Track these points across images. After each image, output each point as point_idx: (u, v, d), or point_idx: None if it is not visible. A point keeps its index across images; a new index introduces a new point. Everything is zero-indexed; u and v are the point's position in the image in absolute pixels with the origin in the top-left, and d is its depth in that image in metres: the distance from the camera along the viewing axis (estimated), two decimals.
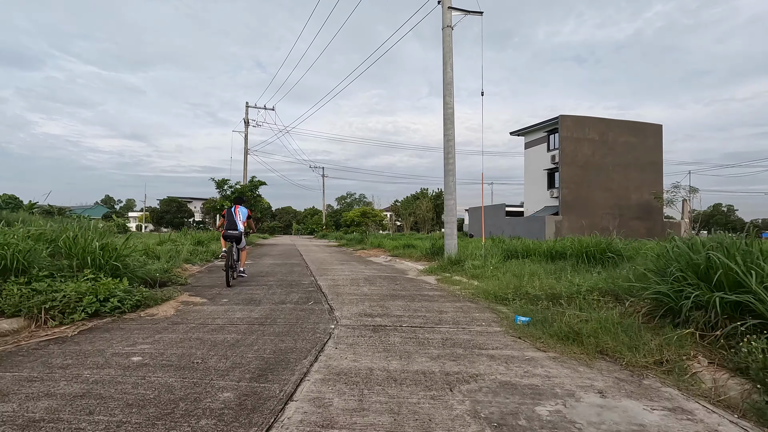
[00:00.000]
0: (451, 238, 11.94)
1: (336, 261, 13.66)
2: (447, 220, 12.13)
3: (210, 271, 10.08)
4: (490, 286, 7.03)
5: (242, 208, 8.32)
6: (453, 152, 12.15)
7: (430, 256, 13.08)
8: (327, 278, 8.85)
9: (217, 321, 4.72)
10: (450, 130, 12.14)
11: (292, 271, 10.09)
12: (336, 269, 10.85)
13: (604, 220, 30.08)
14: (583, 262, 8.50)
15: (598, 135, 30.30)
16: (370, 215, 23.71)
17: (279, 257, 14.84)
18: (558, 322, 4.39)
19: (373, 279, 8.85)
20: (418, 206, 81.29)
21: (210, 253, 13.80)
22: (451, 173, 12.05)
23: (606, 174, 30.20)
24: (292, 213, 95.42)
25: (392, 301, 6.18)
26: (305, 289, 7.22)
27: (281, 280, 8.42)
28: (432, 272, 10.13)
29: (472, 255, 10.93)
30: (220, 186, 24.12)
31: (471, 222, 39.63)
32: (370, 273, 10.12)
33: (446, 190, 12.08)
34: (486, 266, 9.44)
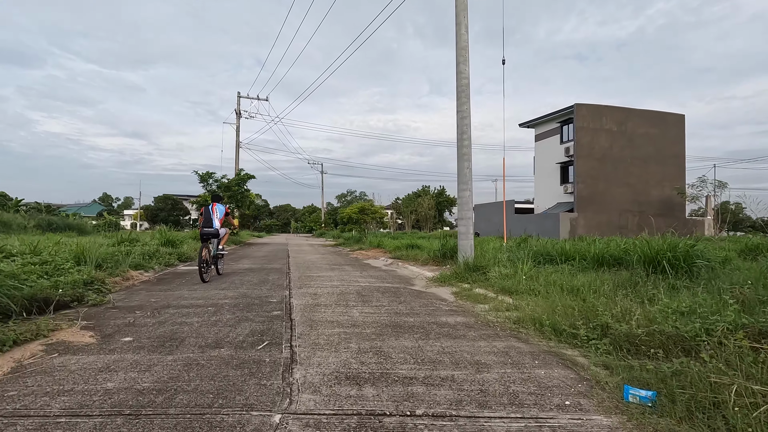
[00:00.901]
0: (466, 238, 9.69)
1: (327, 265, 11.42)
2: (461, 215, 9.87)
3: (160, 281, 7.84)
4: (537, 308, 4.81)
5: (219, 206, 8.34)
6: (468, 132, 9.89)
7: (440, 260, 10.84)
8: (307, 292, 6.61)
9: (57, 402, 2.47)
10: (465, 104, 9.88)
11: (265, 281, 7.85)
12: (323, 277, 8.61)
13: (622, 218, 27.82)
14: (654, 271, 6.25)
15: (615, 125, 28.00)
16: (369, 212, 21.52)
17: (260, 260, 12.62)
18: (729, 410, 2.15)
19: (368, 293, 6.61)
20: (420, 204, 78.93)
21: (177, 256, 11.58)
22: (465, 158, 9.80)
23: (624, 167, 27.90)
24: (291, 211, 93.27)
25: (395, 338, 3.93)
26: (268, 313, 4.98)
27: (242, 296, 6.19)
28: (445, 282, 7.89)
29: (494, 259, 8.68)
30: (204, 180, 21.92)
31: (477, 219, 37.36)
32: (365, 282, 7.88)
33: (460, 179, 9.83)
34: (517, 275, 7.21)
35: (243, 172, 22.68)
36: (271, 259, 13.18)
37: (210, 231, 8.05)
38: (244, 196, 22.23)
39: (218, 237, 8.31)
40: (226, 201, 21.61)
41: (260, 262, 12.01)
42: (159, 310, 4.99)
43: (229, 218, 8.85)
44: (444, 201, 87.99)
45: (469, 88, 9.95)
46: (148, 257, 10.18)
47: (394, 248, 15.21)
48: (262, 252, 16.76)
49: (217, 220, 8.19)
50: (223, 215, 8.44)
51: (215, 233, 8.13)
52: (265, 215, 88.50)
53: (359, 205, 22.00)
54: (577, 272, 7.34)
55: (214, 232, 8.08)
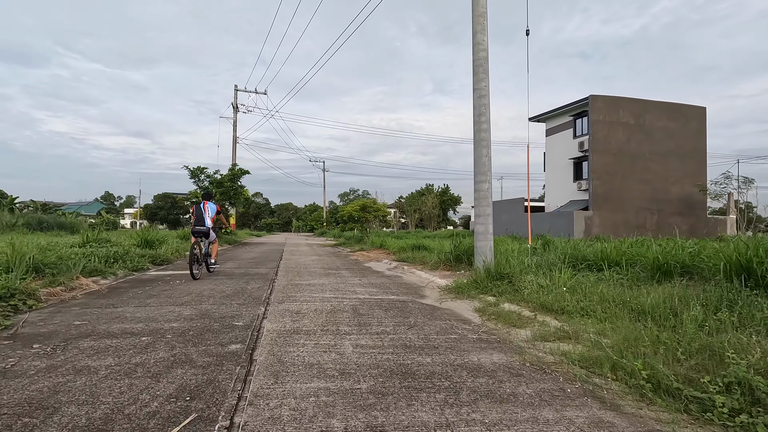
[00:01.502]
0: (485, 239, 8.19)
1: (321, 269, 9.94)
2: (479, 212, 8.37)
3: (112, 291, 6.38)
4: (603, 339, 3.34)
5: (211, 204, 8.39)
6: (487, 114, 8.39)
7: (452, 264, 9.35)
8: (288, 309, 5.14)
9: None
10: (482, 81, 8.37)
11: (241, 292, 6.37)
12: (314, 287, 7.13)
13: (640, 216, 26.23)
14: (746, 284, 4.72)
15: (633, 118, 26.38)
16: (371, 209, 20.04)
17: (247, 263, 11.16)
18: None
19: (367, 310, 5.13)
20: (424, 202, 77.58)
21: (152, 258, 10.14)
22: (483, 144, 8.30)
23: (642, 163, 26.29)
24: (293, 209, 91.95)
25: (407, 405, 2.44)
26: (222, 347, 3.51)
27: (202, 315, 4.72)
28: (462, 293, 6.39)
29: (519, 264, 7.18)
30: (195, 175, 20.48)
31: None
32: (364, 293, 6.40)
33: (477, 169, 8.33)
34: (554, 286, 5.72)
35: (237, 167, 21.23)
36: (260, 261, 11.72)
37: (201, 229, 8.11)
38: (238, 192, 20.77)
39: (209, 236, 8.31)
40: (218, 198, 20.22)
41: (246, 265, 10.55)
42: (70, 342, 3.52)
43: (221, 216, 8.89)
44: (448, 199, 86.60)
45: (487, 62, 8.44)
46: (113, 260, 8.75)
47: (398, 249, 13.72)
48: (253, 253, 15.30)
49: (209, 218, 8.23)
50: (215, 213, 8.47)
51: (206, 231, 8.17)
52: (266, 214, 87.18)
53: (360, 202, 20.52)
54: (632, 283, 5.82)
55: (205, 230, 8.14)
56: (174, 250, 12.19)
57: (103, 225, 45.56)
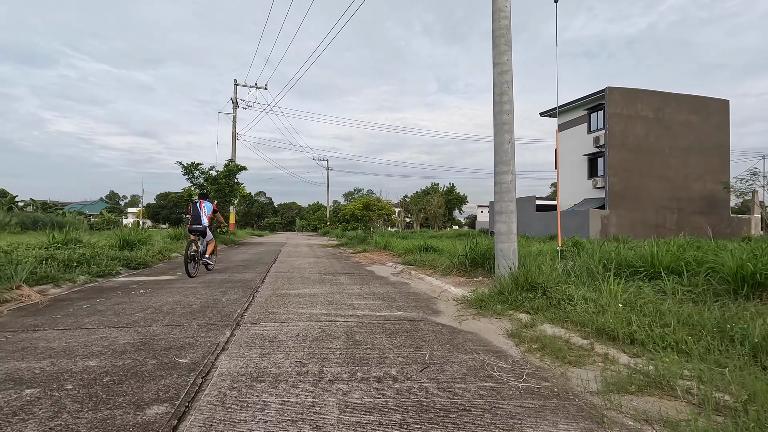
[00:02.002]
0: (509, 240, 6.92)
1: (317, 274, 8.72)
2: (500, 208, 7.11)
3: (50, 306, 5.17)
4: (734, 396, 2.07)
5: (207, 203, 8.42)
6: (510, 92, 7.12)
7: (467, 269, 8.09)
8: (262, 334, 3.92)
9: None
10: (504, 54, 7.11)
11: (211, 305, 5.15)
12: (303, 298, 5.90)
13: (659, 215, 24.80)
14: None
15: (652, 112, 24.94)
16: (374, 208, 18.78)
17: (235, 266, 9.96)
18: None
19: (366, 335, 3.89)
20: (429, 202, 76.35)
21: (126, 262, 8.98)
22: (506, 127, 7.04)
23: (662, 159, 24.85)
24: (297, 209, 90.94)
25: None
26: (140, 408, 2.29)
27: (139, 345, 3.50)
28: (485, 307, 5.13)
29: (553, 271, 5.92)
30: (188, 172, 19.32)
31: (493, 218, 34.45)
32: (364, 308, 5.16)
33: (498, 158, 7.07)
34: (606, 300, 4.45)
35: (233, 163, 20.05)
36: (250, 264, 10.52)
37: (198, 228, 8.16)
38: (234, 190, 19.60)
39: (206, 235, 8.35)
40: (212, 196, 19.08)
41: (233, 269, 9.35)
42: None
43: (217, 215, 8.93)
44: (453, 199, 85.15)
45: (510, 32, 7.17)
46: (77, 264, 7.59)
47: (404, 251, 12.47)
48: (247, 254, 14.12)
49: (205, 217, 8.25)
50: (211, 212, 8.48)
51: (203, 230, 8.21)
52: (270, 213, 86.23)
53: (363, 200, 19.27)
54: (707, 299, 4.54)
55: (202, 229, 8.18)
56: (156, 252, 11.02)
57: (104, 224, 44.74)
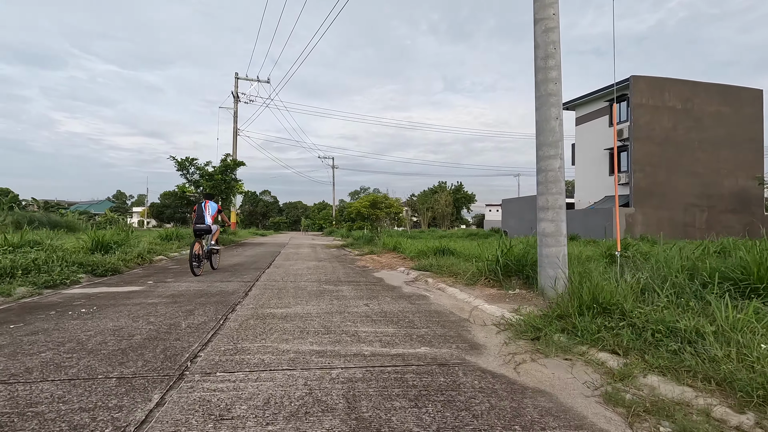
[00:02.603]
0: (557, 244, 5.42)
1: (315, 283, 7.28)
2: (544, 202, 5.61)
3: None
4: None
5: (212, 204, 8.55)
6: (557, 55, 5.61)
7: (500, 279, 6.57)
8: (214, 399, 2.46)
9: None
10: (550, 8, 5.61)
11: (165, 333, 3.71)
12: (291, 322, 4.44)
13: (687, 214, 23.06)
14: None
15: (680, 102, 23.19)
16: (382, 206, 17.33)
17: (221, 272, 8.54)
18: None
19: (379, 401, 2.42)
20: (437, 200, 74.80)
21: (92, 268, 7.62)
22: (552, 100, 5.53)
23: (690, 153, 23.11)
24: (302, 208, 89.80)
25: None
26: None
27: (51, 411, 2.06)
28: (547, 342, 3.64)
29: (626, 288, 4.39)
30: (183, 167, 17.99)
31: (505, 216, 32.85)
32: (371, 342, 3.69)
33: (542, 139, 5.58)
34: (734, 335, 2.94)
35: (230, 158, 18.70)
36: (240, 270, 9.10)
37: (202, 227, 8.23)
38: (231, 186, 18.23)
39: (210, 233, 8.42)
40: (207, 192, 17.78)
41: (218, 275, 7.94)
42: None
43: (222, 215, 9.00)
44: (462, 197, 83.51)
45: None
46: (23, 272, 6.22)
47: (416, 253, 10.99)
48: (241, 257, 12.72)
49: (209, 216, 8.35)
50: (215, 212, 8.59)
51: (207, 230, 8.28)
52: (275, 212, 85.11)
53: (370, 197, 17.80)
54: None
55: (206, 228, 8.25)
56: (135, 256, 9.65)
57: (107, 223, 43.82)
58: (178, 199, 18.19)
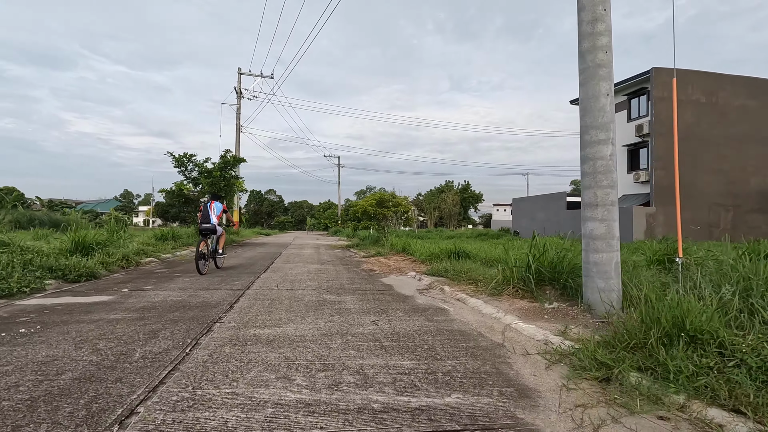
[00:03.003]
0: (608, 249, 4.41)
1: (315, 292, 6.32)
2: (593, 197, 4.60)
3: None
4: None
5: (217, 203, 8.57)
6: (608, 20, 4.62)
7: (532, 288, 5.56)
8: None
9: None
10: None
11: (109, 368, 2.78)
12: (278, 351, 3.48)
13: (712, 213, 21.81)
14: None
15: (704, 95, 21.95)
16: (389, 204, 16.34)
17: (210, 277, 7.62)
18: None
19: None
20: (443, 200, 73.66)
21: (62, 273, 6.74)
22: (602, 73, 4.54)
23: (715, 149, 21.86)
24: (308, 207, 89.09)
25: None
26: None
27: None
28: (614, 381, 2.64)
29: (709, 304, 3.38)
30: (180, 164, 17.14)
31: (517, 216, 31.72)
32: (381, 384, 2.71)
33: (588, 118, 4.58)
34: None
35: (230, 154, 17.83)
36: (233, 274, 8.17)
37: (208, 227, 8.28)
38: (230, 184, 17.35)
39: (216, 232, 8.45)
40: (205, 190, 16.95)
41: (206, 280, 7.01)
42: None
43: (227, 215, 9.11)
44: (469, 197, 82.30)
45: None
46: None
47: (428, 256, 9.99)
48: (239, 258, 11.82)
49: (214, 216, 8.39)
50: (221, 212, 8.60)
51: (213, 229, 8.32)
52: (280, 212, 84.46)
53: (377, 195, 16.82)
54: None
55: (211, 227, 8.30)
56: (119, 258, 8.78)
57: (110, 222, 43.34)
58: (176, 197, 17.32)
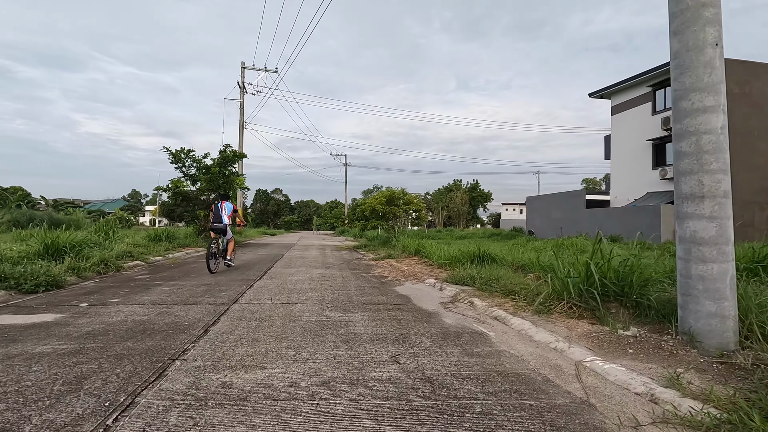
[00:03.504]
0: (720, 258, 3.16)
1: (317, 307, 5.14)
2: (695, 187, 3.36)
3: None
4: None
5: (227, 204, 8.75)
6: None
7: (598, 306, 4.32)
8: None
9: None
10: None
11: None
12: (245, 428, 2.28)
13: (746, 212, 20.27)
14: None
15: (736, 85, 20.44)
16: (400, 202, 15.11)
17: (193, 287, 6.47)
18: None
19: None
20: (452, 199, 72.28)
21: (16, 281, 5.64)
22: (706, 15, 3.27)
23: (750, 143, 20.36)
24: (314, 207, 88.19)
25: None
26: None
27: None
28: None
29: None
30: (178, 159, 16.08)
31: (531, 215, 30.34)
32: None
33: (687, 78, 3.33)
34: None
35: (230, 149, 16.72)
36: (224, 281, 7.03)
37: (219, 226, 8.51)
38: (229, 181, 16.23)
39: (226, 231, 8.62)
40: (204, 187, 15.88)
41: (186, 293, 5.87)
42: None
43: (237, 215, 9.51)
44: (478, 196, 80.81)
45: None
46: None
47: (447, 260, 8.77)
48: (237, 261, 10.70)
49: (226, 216, 8.58)
50: (231, 212, 8.80)
51: (224, 228, 8.54)
52: (286, 211, 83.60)
53: (386, 193, 15.61)
54: None
55: (222, 227, 8.52)
56: (96, 263, 7.69)
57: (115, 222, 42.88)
58: (173, 195, 16.22)
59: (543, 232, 27.35)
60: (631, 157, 23.99)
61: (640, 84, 23.24)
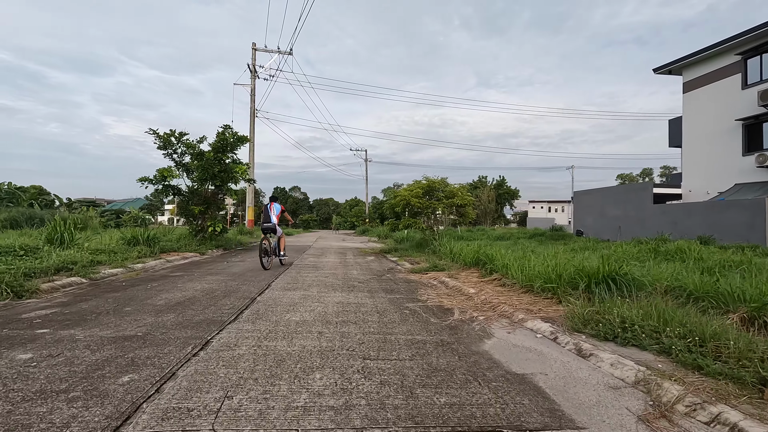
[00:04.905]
0: None
1: (330, 425, 1.88)
2: None
3: None
4: None
5: (276, 205, 9.38)
6: None
7: None
8: None
9: None
10: None
11: None
12: None
13: None
14: None
15: None
16: (440, 195, 11.72)
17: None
18: None
19: None
20: (478, 196, 68.28)
21: None
22: None
23: None
24: (334, 205, 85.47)
25: None
26: None
27: None
28: None
29: None
30: (168, 145, 13.12)
31: (579, 213, 26.47)
32: None
33: None
34: None
35: (230, 130, 13.70)
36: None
37: (269, 226, 9.09)
38: (226, 169, 13.20)
39: (276, 231, 9.21)
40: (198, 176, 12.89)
41: (114, 342, 2.79)
42: None
43: (285, 215, 10.02)
44: (504, 193, 76.31)
45: None
46: None
47: (542, 279, 5.39)
48: (223, 275, 7.61)
49: (275, 216, 9.17)
50: (280, 212, 9.43)
51: (273, 228, 9.11)
52: (305, 210, 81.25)
53: (422, 184, 12.30)
54: None
55: (272, 226, 9.09)
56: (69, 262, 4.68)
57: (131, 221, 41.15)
58: (163, 189, 13.22)
59: (596, 231, 23.50)
60: (711, 141, 19.92)
61: (725, 53, 19.15)
